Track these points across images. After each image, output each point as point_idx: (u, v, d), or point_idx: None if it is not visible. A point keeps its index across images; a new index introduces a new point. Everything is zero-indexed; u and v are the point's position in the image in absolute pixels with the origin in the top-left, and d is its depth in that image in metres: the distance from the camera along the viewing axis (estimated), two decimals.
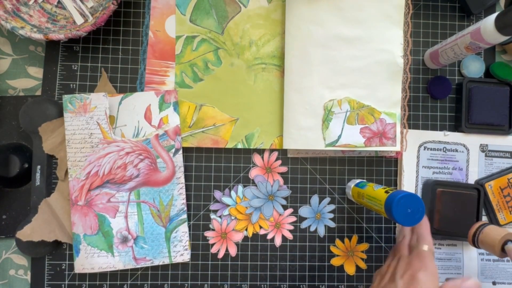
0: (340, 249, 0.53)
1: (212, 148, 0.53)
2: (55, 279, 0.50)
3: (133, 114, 0.50)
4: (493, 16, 0.40)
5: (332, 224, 0.53)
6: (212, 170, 0.53)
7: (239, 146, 0.52)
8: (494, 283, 0.53)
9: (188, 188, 0.52)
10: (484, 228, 0.46)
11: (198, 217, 0.52)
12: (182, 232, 0.50)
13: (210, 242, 0.52)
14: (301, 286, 0.52)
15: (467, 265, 0.53)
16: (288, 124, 0.50)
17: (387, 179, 0.54)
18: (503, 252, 0.43)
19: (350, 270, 0.52)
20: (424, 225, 0.43)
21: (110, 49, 0.52)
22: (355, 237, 0.53)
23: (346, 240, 0.53)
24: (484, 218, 0.53)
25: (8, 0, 0.48)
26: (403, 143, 0.53)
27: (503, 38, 0.40)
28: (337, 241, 0.53)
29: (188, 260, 0.51)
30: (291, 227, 0.53)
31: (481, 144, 0.54)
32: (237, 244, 0.52)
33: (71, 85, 0.52)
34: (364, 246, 0.53)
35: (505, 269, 0.53)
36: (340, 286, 0.52)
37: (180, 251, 0.50)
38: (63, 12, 0.51)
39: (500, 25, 0.39)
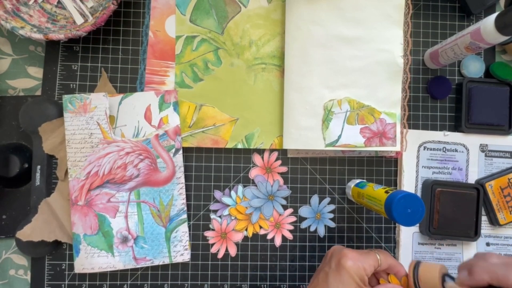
0: None
1: (212, 148, 0.53)
2: (55, 279, 0.50)
3: (133, 114, 0.50)
4: (493, 16, 0.40)
5: (332, 224, 0.53)
6: (212, 170, 0.53)
7: (239, 146, 0.52)
8: None
9: (188, 188, 0.52)
10: (418, 271, 0.39)
11: (198, 217, 0.52)
12: (182, 232, 0.50)
13: (210, 242, 0.52)
14: (301, 286, 0.52)
15: None
16: (288, 124, 0.50)
17: (387, 179, 0.54)
18: None
19: None
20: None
21: (110, 49, 0.52)
22: None
23: None
24: (484, 218, 0.53)
25: (8, 0, 0.48)
26: (403, 143, 0.53)
27: (503, 38, 0.40)
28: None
29: (188, 260, 0.51)
30: (291, 227, 0.53)
31: (481, 144, 0.54)
32: (237, 244, 0.52)
33: (71, 85, 0.52)
34: None
35: None
36: None
37: (180, 251, 0.50)
38: (63, 12, 0.51)
39: (500, 25, 0.39)
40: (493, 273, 0.34)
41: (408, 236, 0.53)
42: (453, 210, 0.51)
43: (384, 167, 0.54)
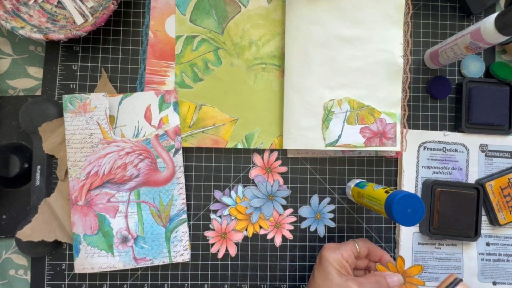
0: None
1: (212, 148, 0.53)
2: (55, 279, 0.50)
3: (133, 114, 0.50)
4: (493, 16, 0.40)
5: (332, 224, 0.53)
6: (212, 170, 0.53)
7: (239, 146, 0.52)
8: (494, 283, 0.53)
9: (188, 188, 0.52)
10: None
11: (198, 217, 0.52)
12: (182, 232, 0.50)
13: (210, 242, 0.52)
14: (301, 286, 0.52)
15: (467, 265, 0.53)
16: (288, 124, 0.50)
17: (387, 179, 0.54)
18: None
19: None
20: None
21: (110, 49, 0.52)
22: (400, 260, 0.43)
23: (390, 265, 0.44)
24: (484, 218, 0.53)
25: (8, 0, 0.48)
26: (403, 143, 0.53)
27: (503, 38, 0.40)
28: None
29: (188, 260, 0.51)
30: (291, 227, 0.53)
31: (481, 144, 0.54)
32: (237, 244, 0.52)
33: (71, 85, 0.52)
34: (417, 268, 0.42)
35: (505, 269, 0.53)
36: None
37: (180, 251, 0.50)
38: (63, 12, 0.51)
39: (500, 25, 0.39)
40: None
41: (408, 236, 0.53)
42: (453, 210, 0.51)
43: (384, 167, 0.54)
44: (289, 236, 0.52)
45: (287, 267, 0.52)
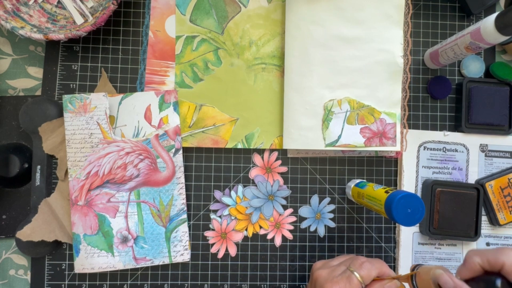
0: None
1: (212, 148, 0.53)
2: (55, 279, 0.50)
3: (133, 114, 0.50)
4: (493, 16, 0.40)
5: (332, 224, 0.53)
6: (212, 170, 0.53)
7: (239, 146, 0.52)
8: None
9: (188, 188, 0.52)
10: (416, 272, 0.39)
11: (198, 217, 0.52)
12: (182, 232, 0.50)
13: (210, 242, 0.52)
14: (301, 286, 0.52)
15: None
16: (288, 124, 0.50)
17: (387, 179, 0.54)
18: None
19: None
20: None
21: (110, 49, 0.52)
22: None
23: None
24: (484, 218, 0.53)
25: (8, 0, 0.48)
26: (403, 143, 0.53)
27: (503, 38, 0.40)
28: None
29: (188, 260, 0.51)
30: (291, 227, 0.53)
31: (481, 144, 0.54)
32: (237, 244, 0.52)
33: (71, 85, 0.52)
34: None
35: None
36: None
37: (180, 251, 0.50)
38: (63, 12, 0.51)
39: (500, 25, 0.39)
40: (483, 255, 0.33)
41: (408, 236, 0.53)
42: (453, 210, 0.51)
43: (384, 167, 0.54)
44: (289, 236, 0.52)
45: (287, 267, 0.52)
